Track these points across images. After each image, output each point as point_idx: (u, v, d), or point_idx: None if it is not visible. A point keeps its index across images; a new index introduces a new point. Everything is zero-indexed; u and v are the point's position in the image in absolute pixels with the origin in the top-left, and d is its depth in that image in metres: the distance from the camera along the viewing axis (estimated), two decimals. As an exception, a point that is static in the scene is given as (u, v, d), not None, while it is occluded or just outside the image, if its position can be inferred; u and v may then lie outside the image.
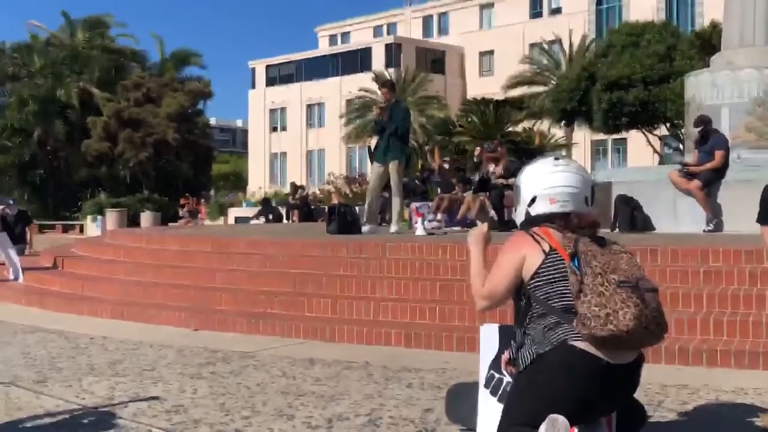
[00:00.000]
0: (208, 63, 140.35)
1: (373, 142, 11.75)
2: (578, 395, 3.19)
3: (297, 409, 4.66)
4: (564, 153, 42.03)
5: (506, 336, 3.74)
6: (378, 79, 42.89)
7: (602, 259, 3.23)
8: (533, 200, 3.51)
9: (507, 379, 3.68)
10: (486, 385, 3.80)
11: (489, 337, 3.90)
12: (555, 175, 3.51)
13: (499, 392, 3.75)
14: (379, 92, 12.25)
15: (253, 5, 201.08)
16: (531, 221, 3.52)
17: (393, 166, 11.01)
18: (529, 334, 3.35)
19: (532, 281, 3.36)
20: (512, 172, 12.65)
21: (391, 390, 5.11)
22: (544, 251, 3.37)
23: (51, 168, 51.26)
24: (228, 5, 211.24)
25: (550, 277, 3.32)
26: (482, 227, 3.82)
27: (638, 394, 3.54)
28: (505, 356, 3.59)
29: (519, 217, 3.64)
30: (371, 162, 11.67)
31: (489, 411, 3.72)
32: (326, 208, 19.10)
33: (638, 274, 3.25)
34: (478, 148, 14.67)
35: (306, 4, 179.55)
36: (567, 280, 3.26)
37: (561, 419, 3.10)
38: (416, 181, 18.51)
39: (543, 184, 3.50)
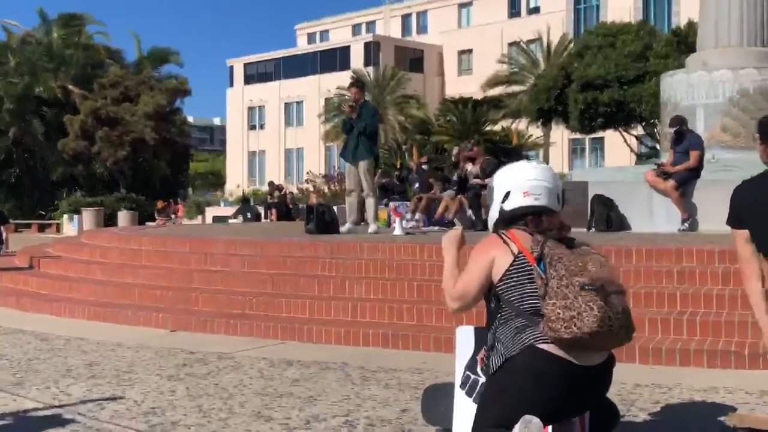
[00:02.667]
0: (186, 60, 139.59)
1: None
2: (547, 398, 3.23)
3: (275, 410, 4.68)
4: (541, 152, 42.28)
5: (481, 337, 3.78)
6: (356, 77, 42.93)
7: (567, 262, 3.26)
8: (507, 195, 3.56)
9: (482, 380, 3.72)
10: (462, 386, 3.84)
11: (464, 338, 3.93)
12: (527, 170, 3.60)
13: (475, 393, 3.78)
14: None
15: (232, 3, 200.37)
16: (505, 218, 3.55)
17: (363, 166, 11.02)
18: (498, 338, 3.40)
19: (501, 283, 3.41)
20: (488, 171, 12.72)
21: (368, 390, 5.14)
22: (512, 253, 3.42)
23: (27, 167, 50.78)
24: (206, 3, 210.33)
25: (518, 279, 3.37)
26: (456, 230, 3.86)
27: (611, 394, 3.60)
28: (481, 355, 3.63)
29: (492, 218, 3.68)
30: (342, 159, 11.71)
31: (465, 411, 3.76)
32: (305, 206, 19.11)
33: (605, 275, 3.28)
34: (456, 149, 14.75)
35: (285, 2, 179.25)
36: (534, 282, 3.31)
37: (534, 420, 3.14)
38: (395, 180, 18.56)
39: (516, 179, 3.58)
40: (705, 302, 6.38)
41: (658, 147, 23.22)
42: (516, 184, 3.55)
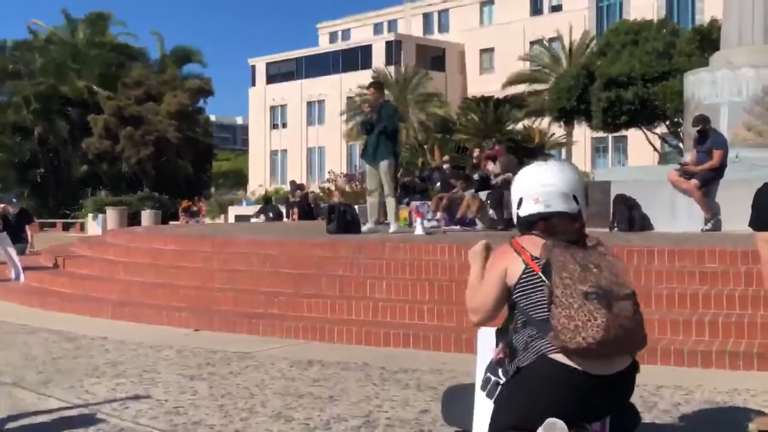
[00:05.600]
0: (209, 60, 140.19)
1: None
2: (561, 407, 3.20)
3: (296, 410, 4.71)
4: (564, 151, 42.08)
5: (502, 339, 3.79)
6: (377, 76, 42.99)
7: (572, 269, 3.22)
8: (520, 202, 3.55)
9: (503, 381, 3.72)
10: (482, 388, 3.84)
11: (486, 340, 3.93)
12: (538, 175, 3.54)
13: (495, 395, 3.79)
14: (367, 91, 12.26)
15: (254, 2, 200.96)
16: (523, 224, 3.57)
17: (383, 166, 11.04)
18: (513, 345, 3.40)
19: (516, 291, 3.41)
20: (509, 170, 12.71)
21: (389, 391, 5.16)
22: (523, 262, 3.40)
23: (52, 166, 51.31)
24: (228, 3, 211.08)
25: (528, 288, 3.36)
26: (482, 243, 3.84)
27: (632, 396, 3.58)
28: (497, 355, 3.62)
29: (515, 221, 3.70)
30: (362, 159, 11.77)
31: (484, 413, 3.76)
32: (326, 206, 19.15)
33: (613, 280, 3.23)
34: (477, 150, 14.77)
35: (306, 2, 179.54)
36: (543, 291, 3.29)
37: (559, 423, 3.13)
38: (417, 180, 18.54)
39: (527, 184, 3.54)
40: (728, 303, 6.34)
41: (681, 146, 23.07)
42: (527, 191, 3.52)
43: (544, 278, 3.28)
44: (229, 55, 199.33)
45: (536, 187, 3.50)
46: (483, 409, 3.79)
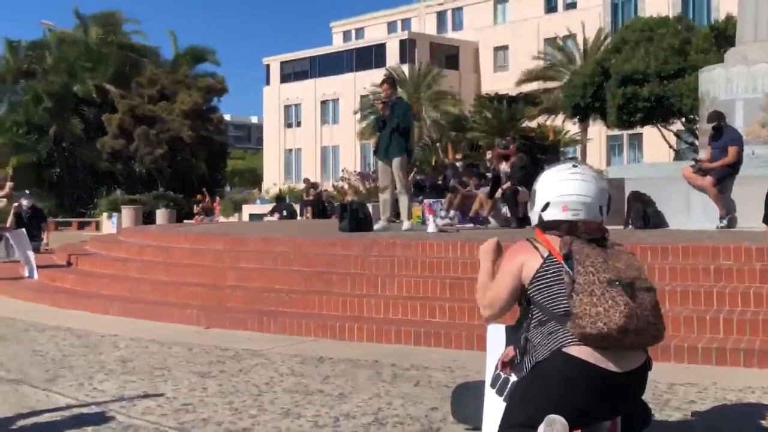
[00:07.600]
0: (223, 59, 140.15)
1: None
2: (576, 403, 3.18)
3: (305, 407, 4.67)
4: (578, 148, 41.89)
5: (513, 336, 3.75)
6: (387, 74, 42.89)
7: (594, 259, 3.23)
8: (546, 206, 3.51)
9: (513, 378, 3.68)
10: (492, 385, 3.80)
11: (496, 336, 3.90)
12: (570, 183, 3.48)
13: (505, 392, 3.74)
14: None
15: (268, 2, 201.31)
16: (543, 226, 3.54)
17: (396, 163, 11.00)
18: (530, 341, 3.37)
19: (531, 286, 3.39)
20: (518, 169, 12.64)
21: (399, 388, 5.11)
22: (542, 256, 3.39)
23: (67, 165, 51.47)
24: (242, 2, 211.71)
25: (548, 280, 3.34)
26: (492, 240, 3.81)
27: (644, 393, 3.53)
28: (504, 357, 3.58)
29: (533, 219, 3.66)
30: (375, 156, 11.73)
31: (494, 410, 3.72)
32: (339, 204, 19.12)
33: (634, 273, 3.24)
34: (490, 152, 14.72)
35: (320, 0, 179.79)
36: (563, 282, 3.27)
37: (559, 419, 3.10)
38: (439, 182, 18.43)
39: (557, 191, 3.49)
40: (742, 300, 6.26)
41: (697, 143, 22.90)
42: (555, 197, 3.48)
43: (566, 267, 3.26)
44: (244, 55, 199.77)
45: (566, 197, 3.46)
46: (493, 406, 3.76)
